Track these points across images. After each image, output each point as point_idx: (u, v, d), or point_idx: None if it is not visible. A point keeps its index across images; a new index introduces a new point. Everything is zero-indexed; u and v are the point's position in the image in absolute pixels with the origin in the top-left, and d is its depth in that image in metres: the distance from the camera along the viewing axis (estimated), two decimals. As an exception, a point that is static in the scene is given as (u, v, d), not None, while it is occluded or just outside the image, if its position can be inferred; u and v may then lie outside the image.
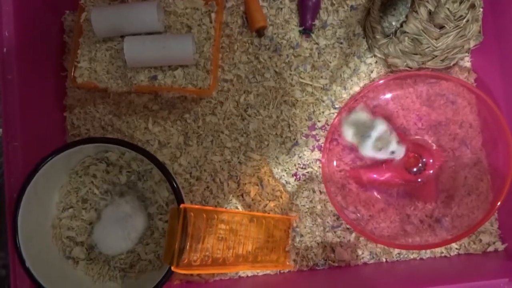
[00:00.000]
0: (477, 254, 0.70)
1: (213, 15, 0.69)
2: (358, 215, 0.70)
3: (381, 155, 0.67)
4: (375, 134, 0.66)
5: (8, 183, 0.62)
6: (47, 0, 0.72)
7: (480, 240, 0.71)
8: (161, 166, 0.58)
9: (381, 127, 0.66)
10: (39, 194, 0.62)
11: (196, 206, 0.57)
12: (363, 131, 0.67)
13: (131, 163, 0.65)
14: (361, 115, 0.67)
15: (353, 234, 0.71)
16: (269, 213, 0.71)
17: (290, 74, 0.74)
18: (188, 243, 0.57)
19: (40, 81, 0.70)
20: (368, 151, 0.67)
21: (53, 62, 0.74)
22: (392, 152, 0.66)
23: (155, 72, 0.68)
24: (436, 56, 0.69)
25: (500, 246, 0.70)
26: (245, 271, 0.71)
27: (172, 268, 0.54)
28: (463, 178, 0.70)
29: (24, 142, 0.63)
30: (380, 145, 0.66)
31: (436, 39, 0.66)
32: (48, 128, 0.71)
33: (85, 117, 0.73)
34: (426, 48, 0.67)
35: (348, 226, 0.71)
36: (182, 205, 0.56)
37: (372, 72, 0.74)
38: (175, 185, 0.58)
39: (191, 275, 0.70)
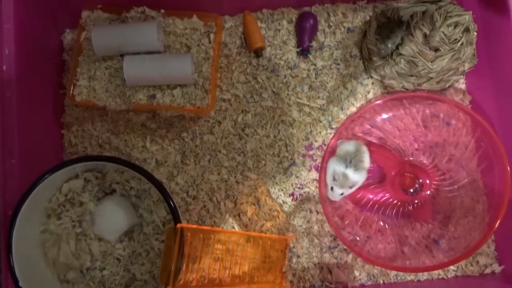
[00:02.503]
0: (474, 276, 0.70)
1: (212, 35, 0.70)
2: (355, 236, 0.70)
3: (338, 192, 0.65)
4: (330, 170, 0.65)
5: (3, 200, 0.61)
6: (48, 19, 0.73)
7: (477, 262, 0.70)
8: (159, 185, 0.58)
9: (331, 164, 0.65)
10: (35, 214, 0.62)
11: (193, 226, 0.57)
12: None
13: (129, 182, 0.65)
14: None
15: (350, 255, 0.70)
16: (265, 233, 0.70)
17: (288, 94, 0.74)
18: (184, 263, 0.56)
19: (39, 99, 0.70)
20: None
21: (52, 79, 0.75)
22: (342, 193, 0.65)
23: (154, 91, 0.69)
24: (431, 78, 0.70)
25: (497, 268, 0.70)
26: (241, 292, 0.70)
27: (168, 288, 0.53)
28: (459, 199, 0.71)
29: (21, 160, 0.63)
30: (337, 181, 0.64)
31: (431, 62, 0.67)
32: (45, 146, 0.71)
33: (83, 135, 0.73)
34: (422, 70, 0.68)
35: (345, 247, 0.70)
36: (179, 225, 0.56)
37: (368, 93, 0.75)
38: (172, 204, 0.58)
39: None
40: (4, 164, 0.62)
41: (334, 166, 0.65)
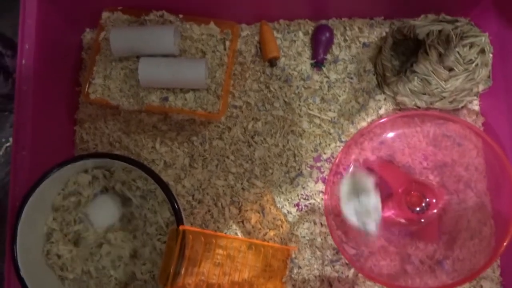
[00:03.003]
0: (477, 300, 0.69)
1: (227, 42, 0.71)
2: (358, 251, 0.69)
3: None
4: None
5: (13, 191, 0.63)
6: (69, 17, 0.74)
7: (481, 286, 0.69)
8: (164, 186, 0.59)
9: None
10: (42, 207, 0.63)
11: (195, 229, 0.57)
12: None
13: (136, 181, 0.66)
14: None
15: (352, 270, 0.70)
16: (268, 242, 0.70)
17: (299, 105, 0.75)
18: (184, 266, 0.56)
19: (54, 94, 0.72)
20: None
21: (69, 76, 0.76)
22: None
23: (167, 93, 0.69)
24: (444, 97, 0.69)
25: (501, 294, 0.69)
26: (240, 299, 0.70)
27: (166, 289, 0.53)
28: (466, 221, 0.70)
29: (32, 152, 0.64)
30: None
31: (445, 81, 0.67)
32: (57, 141, 0.72)
33: (95, 132, 0.74)
34: (435, 89, 0.68)
35: (347, 262, 0.70)
36: (181, 227, 0.56)
37: (380, 108, 0.75)
38: (176, 206, 0.58)
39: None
40: (16, 156, 0.63)
41: (354, 208, 0.63)
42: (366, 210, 0.63)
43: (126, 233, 0.66)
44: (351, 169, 0.71)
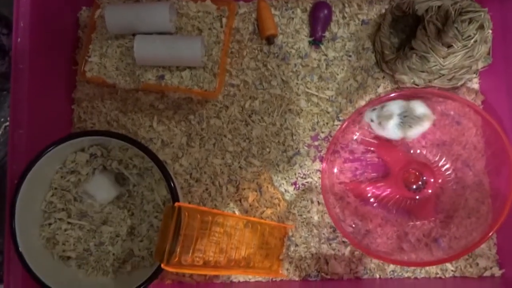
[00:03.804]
0: (472, 278, 0.69)
1: (224, 19, 0.71)
2: (355, 228, 0.70)
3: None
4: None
5: (10, 169, 0.63)
6: (65, -5, 0.74)
7: (477, 264, 0.69)
8: (160, 164, 0.59)
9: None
10: (40, 185, 0.63)
11: (191, 206, 0.57)
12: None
13: (133, 159, 0.66)
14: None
15: (348, 248, 0.70)
16: (265, 220, 0.70)
17: (297, 83, 0.74)
18: (180, 243, 0.57)
19: (51, 73, 0.71)
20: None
21: (66, 55, 0.76)
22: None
23: (163, 71, 0.69)
24: (443, 75, 0.69)
25: (497, 272, 0.69)
26: (237, 276, 0.71)
27: (162, 265, 0.54)
28: (464, 199, 0.70)
29: (29, 130, 0.64)
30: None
31: (443, 58, 0.66)
32: (55, 119, 0.72)
33: (92, 111, 0.74)
34: (433, 66, 0.67)
35: (343, 240, 0.70)
36: (176, 204, 0.56)
37: (379, 87, 0.74)
38: (172, 183, 0.58)
39: (183, 275, 0.70)
40: (13, 134, 0.64)
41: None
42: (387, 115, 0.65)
43: (124, 210, 0.66)
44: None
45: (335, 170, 0.72)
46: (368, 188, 0.71)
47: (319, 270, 0.70)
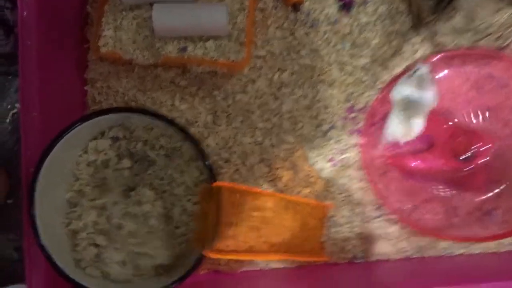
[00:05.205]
0: (531, 251, 0.64)
1: (248, -16, 0.64)
2: (401, 204, 0.64)
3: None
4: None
5: (25, 157, 0.57)
6: (71, -33, 0.67)
7: (535, 238, 0.65)
8: (193, 140, 0.53)
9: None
10: (60, 173, 0.57)
11: (231, 185, 0.52)
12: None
13: (159, 139, 0.60)
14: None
15: (395, 226, 0.65)
16: (305, 199, 0.65)
17: (328, 52, 0.68)
18: (221, 227, 0.51)
19: (61, 51, 0.65)
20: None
21: (75, 32, 0.70)
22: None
23: (185, 43, 0.63)
24: (490, 34, 0.63)
25: (556, 244, 0.64)
26: (277, 262, 0.66)
27: (204, 252, 0.48)
28: (516, 168, 0.65)
29: (42, 114, 0.58)
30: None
31: (491, 15, 0.61)
32: (67, 102, 0.66)
33: (108, 92, 0.68)
34: (481, 24, 0.62)
35: (389, 217, 0.65)
36: (215, 183, 0.51)
37: (416, 52, 0.68)
38: (207, 162, 0.53)
39: (219, 263, 0.64)
40: (25, 118, 0.58)
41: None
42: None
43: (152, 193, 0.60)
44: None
45: (375, 143, 0.67)
46: (411, 161, 0.66)
47: (365, 251, 0.65)
